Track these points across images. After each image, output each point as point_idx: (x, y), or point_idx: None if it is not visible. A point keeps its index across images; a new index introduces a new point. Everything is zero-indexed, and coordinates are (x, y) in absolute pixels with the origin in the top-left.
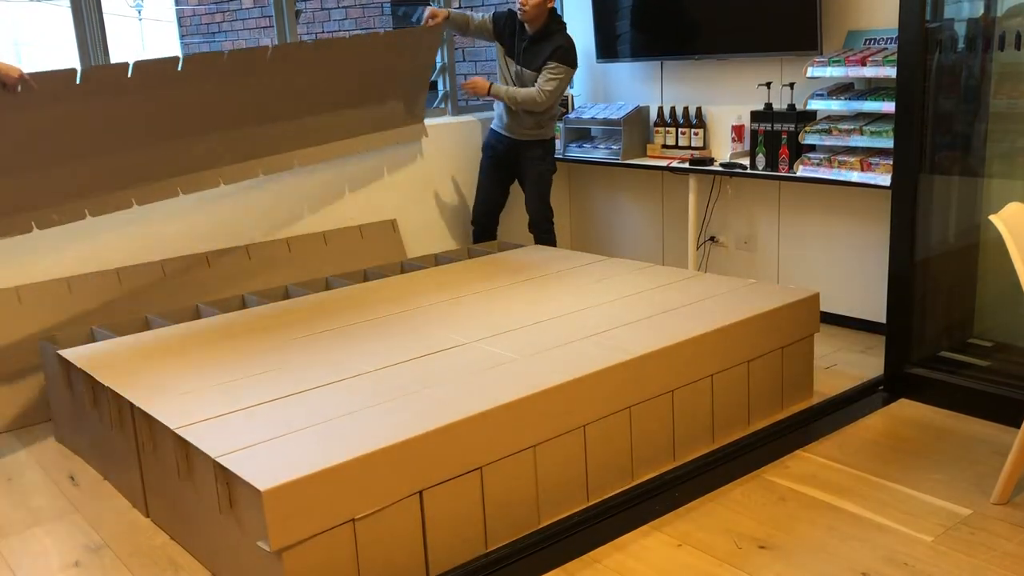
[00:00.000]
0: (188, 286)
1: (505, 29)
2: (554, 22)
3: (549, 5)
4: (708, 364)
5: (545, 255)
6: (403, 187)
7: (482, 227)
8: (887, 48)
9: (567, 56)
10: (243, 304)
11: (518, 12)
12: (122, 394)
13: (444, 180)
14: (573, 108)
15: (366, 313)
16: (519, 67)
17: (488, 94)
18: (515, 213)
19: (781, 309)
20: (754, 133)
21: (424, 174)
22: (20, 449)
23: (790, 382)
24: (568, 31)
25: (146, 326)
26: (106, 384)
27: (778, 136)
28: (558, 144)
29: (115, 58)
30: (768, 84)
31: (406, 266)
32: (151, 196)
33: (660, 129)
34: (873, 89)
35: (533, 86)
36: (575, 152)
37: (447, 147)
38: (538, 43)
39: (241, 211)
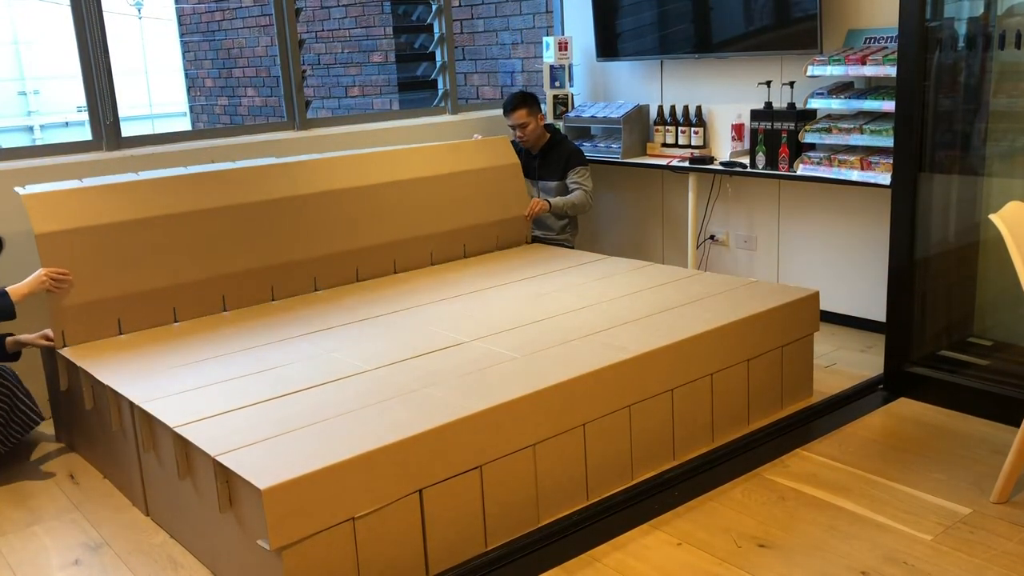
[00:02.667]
0: None
1: (520, 154)
2: (553, 135)
3: (541, 124)
4: (708, 363)
5: (545, 254)
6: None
7: None
8: (887, 47)
9: (580, 158)
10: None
11: (519, 141)
12: (122, 393)
13: None
14: (573, 107)
15: (365, 312)
16: (539, 181)
17: (551, 210)
18: None
19: (781, 308)
20: (754, 132)
21: None
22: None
23: (790, 381)
24: (556, 128)
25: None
26: (106, 383)
27: (778, 135)
28: None
29: (114, 56)
30: (768, 83)
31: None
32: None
33: (660, 128)
34: (873, 88)
35: (568, 190)
36: None
37: None
38: (548, 156)
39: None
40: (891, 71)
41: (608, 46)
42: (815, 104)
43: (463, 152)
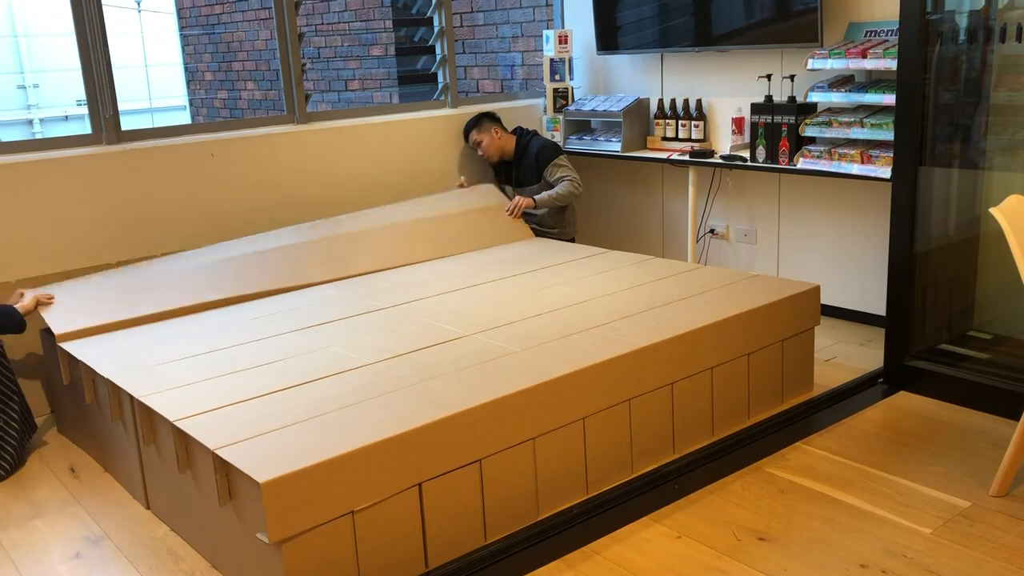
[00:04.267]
0: None
1: (500, 168)
2: (520, 139)
3: (498, 138)
4: (708, 357)
5: (544, 248)
6: (404, 180)
7: None
8: (888, 40)
9: (550, 152)
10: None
11: (487, 161)
12: (122, 386)
13: (446, 172)
14: (573, 100)
15: (365, 305)
16: (519, 188)
17: (536, 206)
18: None
19: (781, 302)
20: (754, 125)
21: (424, 166)
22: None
23: (790, 375)
24: (527, 130)
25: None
26: (106, 376)
27: (778, 128)
28: (559, 136)
29: (114, 49)
30: (768, 76)
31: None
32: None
33: (660, 121)
34: (874, 81)
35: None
36: (575, 145)
37: (447, 139)
38: (522, 161)
39: (243, 213)
40: (892, 64)
41: (608, 39)
42: (815, 97)
43: (461, 198)
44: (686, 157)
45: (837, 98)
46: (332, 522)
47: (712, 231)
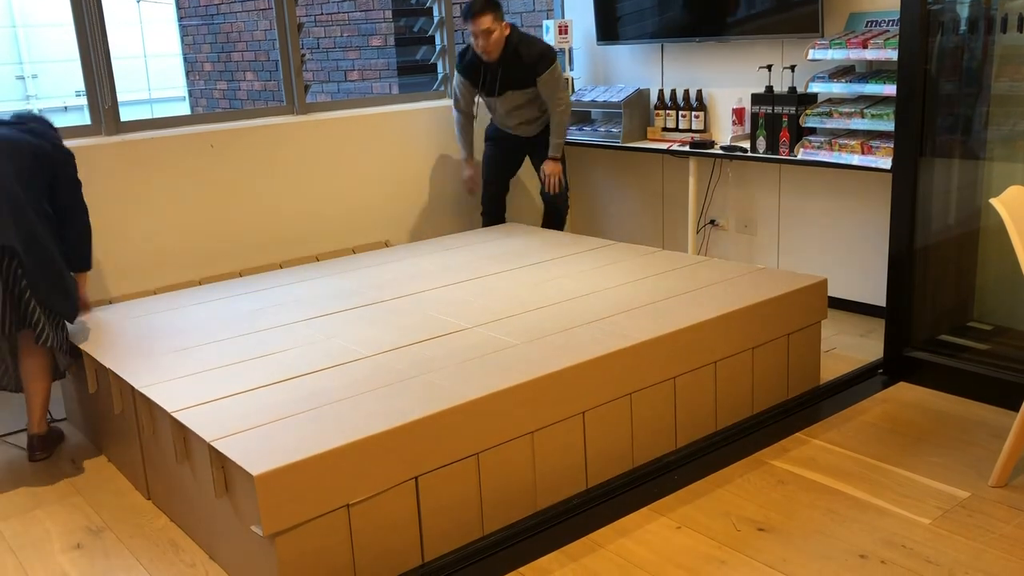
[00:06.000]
0: None
1: (476, 74)
2: (511, 39)
3: (506, 32)
4: (711, 351)
5: (547, 240)
6: (404, 171)
7: (491, 215)
8: (889, 30)
9: (549, 59)
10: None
11: (483, 56)
12: (123, 377)
13: (445, 163)
14: (574, 91)
15: (366, 297)
16: (505, 93)
17: (560, 159)
18: (518, 199)
19: (787, 295)
20: (755, 116)
21: (425, 159)
22: (22, 433)
23: (796, 370)
24: (518, 30)
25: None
26: (108, 367)
27: (779, 119)
28: None
29: (113, 40)
30: (769, 67)
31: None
32: None
33: (661, 112)
34: (874, 72)
35: (536, 97)
36: (575, 135)
37: (447, 129)
38: (512, 63)
39: (235, 234)
40: (892, 55)
41: (608, 29)
42: (816, 88)
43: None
44: (686, 148)
45: (838, 88)
46: (327, 515)
47: (712, 222)
